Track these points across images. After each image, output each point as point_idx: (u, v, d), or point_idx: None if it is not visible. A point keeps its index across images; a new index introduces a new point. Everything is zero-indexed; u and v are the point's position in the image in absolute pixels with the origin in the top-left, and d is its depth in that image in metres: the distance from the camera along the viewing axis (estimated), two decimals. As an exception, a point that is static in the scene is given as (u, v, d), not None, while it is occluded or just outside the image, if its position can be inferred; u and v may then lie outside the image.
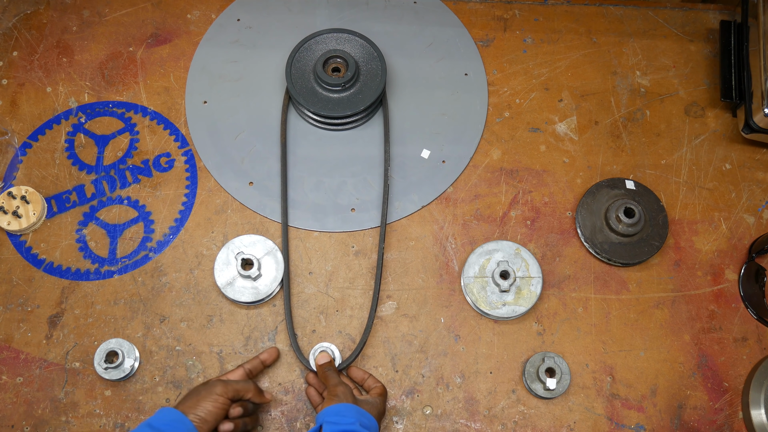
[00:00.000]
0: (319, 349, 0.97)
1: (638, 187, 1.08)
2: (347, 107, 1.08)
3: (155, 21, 1.18)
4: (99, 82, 1.14)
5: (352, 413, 0.86)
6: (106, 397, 0.96)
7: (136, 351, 0.97)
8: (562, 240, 1.06)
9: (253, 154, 1.10)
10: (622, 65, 1.18)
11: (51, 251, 1.03)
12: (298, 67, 1.10)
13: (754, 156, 1.12)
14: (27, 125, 1.11)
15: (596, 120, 1.14)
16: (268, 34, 1.19)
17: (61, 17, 1.18)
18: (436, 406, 0.97)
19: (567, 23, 1.21)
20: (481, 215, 1.07)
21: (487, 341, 1.00)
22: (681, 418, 0.97)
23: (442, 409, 0.97)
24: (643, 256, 1.04)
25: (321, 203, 1.07)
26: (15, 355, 0.98)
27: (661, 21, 1.22)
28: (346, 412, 0.87)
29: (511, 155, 1.11)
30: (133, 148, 1.10)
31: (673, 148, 1.12)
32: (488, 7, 1.22)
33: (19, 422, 0.94)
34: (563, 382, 0.96)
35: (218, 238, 1.04)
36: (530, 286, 1.01)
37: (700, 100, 1.16)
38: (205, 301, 1.01)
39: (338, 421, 0.85)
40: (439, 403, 0.97)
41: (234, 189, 1.08)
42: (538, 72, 1.17)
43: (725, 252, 1.06)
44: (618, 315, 1.02)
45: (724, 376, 1.00)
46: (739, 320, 1.02)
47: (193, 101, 1.13)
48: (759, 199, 1.09)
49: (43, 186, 1.07)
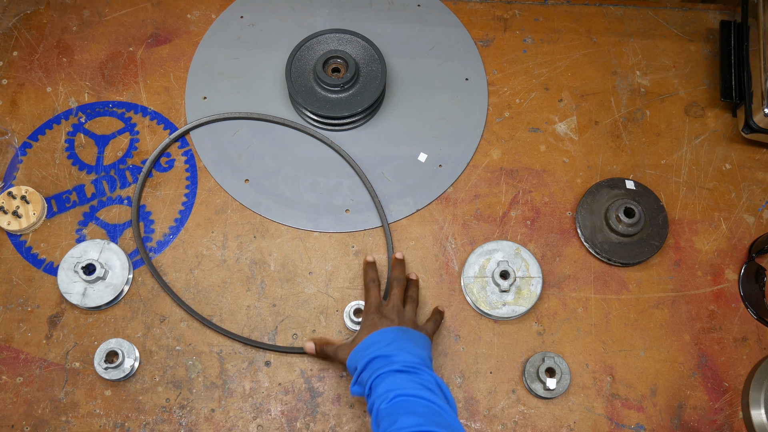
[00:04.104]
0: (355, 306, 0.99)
1: (638, 187, 1.08)
2: (345, 108, 1.08)
3: (155, 21, 1.18)
4: (99, 82, 1.14)
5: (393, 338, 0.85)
6: (106, 397, 0.96)
7: (136, 351, 0.97)
8: (562, 240, 1.06)
9: (250, 151, 1.10)
10: (622, 65, 1.18)
11: (51, 251, 1.03)
12: (299, 66, 1.10)
13: (754, 156, 1.12)
14: (27, 125, 1.11)
15: (596, 120, 1.14)
16: (271, 32, 1.19)
17: (61, 17, 1.18)
18: (436, 406, 0.97)
19: (567, 23, 1.21)
20: (481, 215, 1.07)
21: (487, 341, 1.00)
22: (681, 418, 0.97)
23: (442, 409, 0.97)
24: (643, 256, 1.04)
25: (315, 203, 1.07)
26: (15, 355, 0.98)
27: (661, 21, 1.22)
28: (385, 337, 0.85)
29: (511, 155, 1.11)
30: (133, 148, 1.10)
31: (673, 148, 1.12)
32: (488, 7, 1.22)
33: (19, 422, 0.94)
34: (563, 382, 0.96)
35: (218, 238, 1.05)
36: (530, 286, 1.01)
37: (700, 100, 1.16)
38: (205, 301, 1.01)
39: (386, 355, 0.83)
40: (439, 403, 0.97)
41: (230, 186, 1.08)
42: (538, 72, 1.17)
43: (725, 252, 1.06)
44: (618, 315, 1.02)
45: (724, 376, 1.00)
46: (739, 320, 1.02)
47: (193, 97, 1.13)
48: (759, 199, 1.09)
49: (43, 186, 1.07)
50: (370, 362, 0.85)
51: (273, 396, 0.97)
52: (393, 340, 0.86)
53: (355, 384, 0.87)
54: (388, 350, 0.84)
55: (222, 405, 0.96)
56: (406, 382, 0.80)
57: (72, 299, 0.98)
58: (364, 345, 0.87)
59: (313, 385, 0.98)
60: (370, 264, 1.00)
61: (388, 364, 0.83)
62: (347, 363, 0.89)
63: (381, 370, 0.82)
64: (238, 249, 1.04)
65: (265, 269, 1.03)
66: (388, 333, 0.88)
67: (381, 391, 0.80)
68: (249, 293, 1.02)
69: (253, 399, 0.97)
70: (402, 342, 0.86)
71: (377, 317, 0.92)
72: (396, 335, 0.87)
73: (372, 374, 0.83)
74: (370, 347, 0.86)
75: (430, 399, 0.78)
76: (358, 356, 0.87)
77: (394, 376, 0.81)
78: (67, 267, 1.00)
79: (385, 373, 0.82)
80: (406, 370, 0.82)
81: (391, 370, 0.82)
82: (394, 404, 0.77)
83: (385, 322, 0.91)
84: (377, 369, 0.83)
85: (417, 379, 0.81)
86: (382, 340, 0.86)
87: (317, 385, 0.98)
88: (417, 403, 0.77)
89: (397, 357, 0.83)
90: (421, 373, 0.82)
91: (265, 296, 1.02)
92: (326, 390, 0.97)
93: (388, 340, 0.86)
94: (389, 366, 0.82)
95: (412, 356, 0.84)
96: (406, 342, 0.86)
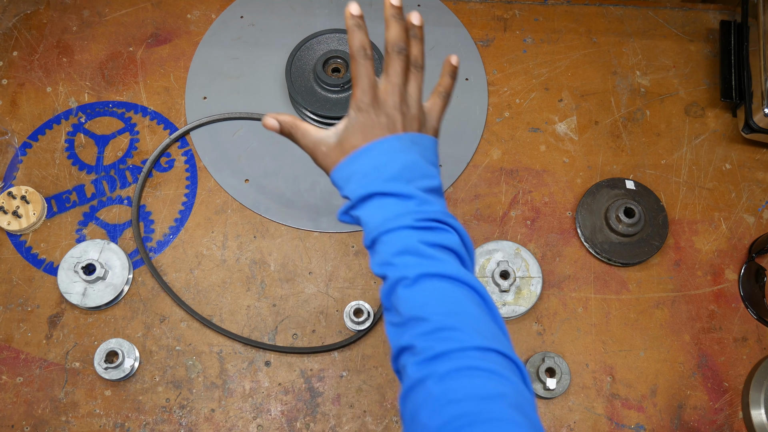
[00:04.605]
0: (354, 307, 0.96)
1: (638, 187, 1.08)
2: (345, 108, 1.08)
3: (155, 21, 1.18)
4: (99, 82, 1.14)
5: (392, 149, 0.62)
6: (106, 397, 0.96)
7: (136, 351, 0.97)
8: (562, 240, 1.06)
9: (249, 151, 1.10)
10: (622, 65, 1.18)
11: (51, 251, 1.03)
12: (299, 66, 1.10)
13: (754, 156, 1.12)
14: (27, 125, 1.11)
15: (596, 120, 1.14)
16: (271, 32, 1.19)
17: (61, 17, 1.18)
18: (436, 406, 0.97)
19: (567, 23, 1.21)
20: (481, 215, 1.07)
21: (487, 341, 1.00)
22: (681, 418, 0.97)
23: (442, 409, 0.97)
24: (643, 256, 1.04)
25: (315, 203, 1.07)
26: (15, 355, 0.98)
27: (661, 21, 1.22)
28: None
29: (511, 155, 1.11)
30: (133, 148, 1.10)
31: (673, 148, 1.12)
32: (488, 7, 1.22)
33: (19, 422, 0.94)
34: (563, 382, 0.96)
35: (218, 238, 1.05)
36: (530, 286, 1.01)
37: (700, 100, 1.16)
38: (205, 301, 1.01)
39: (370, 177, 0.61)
40: (439, 403, 0.97)
41: (230, 186, 1.08)
42: (538, 72, 1.17)
43: (725, 252, 1.06)
44: (618, 315, 1.02)
45: (724, 376, 1.00)
46: (739, 320, 1.02)
47: (193, 97, 1.13)
48: (759, 199, 1.09)
49: (43, 186, 1.07)
50: (370, 198, 0.64)
51: (273, 396, 0.97)
52: (400, 163, 0.64)
53: (345, 214, 0.67)
54: (397, 185, 0.63)
55: (222, 405, 0.96)
56: (428, 249, 0.61)
57: (72, 299, 0.98)
58: (360, 163, 0.65)
59: (313, 385, 0.98)
60: (357, 20, 0.69)
61: (399, 214, 0.62)
62: (332, 175, 0.68)
63: (391, 224, 0.62)
64: (238, 249, 1.04)
65: (265, 269, 1.03)
66: (393, 150, 0.65)
67: (396, 260, 0.61)
68: (249, 293, 1.02)
69: (253, 399, 0.97)
70: (412, 165, 0.65)
71: (374, 113, 0.67)
72: (404, 152, 0.65)
73: (378, 225, 0.63)
74: (368, 170, 0.65)
75: (462, 278, 0.60)
76: (351, 175, 0.66)
77: (409, 237, 0.61)
78: (67, 267, 1.00)
79: (396, 229, 0.62)
80: (424, 226, 0.62)
81: (405, 227, 0.62)
82: (420, 291, 0.60)
83: (385, 122, 0.67)
84: (385, 219, 0.63)
85: (440, 239, 0.62)
86: (384, 162, 0.64)
87: (317, 385, 0.98)
88: (448, 290, 0.60)
89: (410, 200, 0.63)
90: (443, 229, 0.63)
91: (265, 296, 1.02)
92: (326, 390, 0.97)
93: (393, 161, 0.64)
94: (401, 219, 0.62)
95: (427, 194, 0.64)
96: (416, 163, 0.65)
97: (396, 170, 0.64)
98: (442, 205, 0.66)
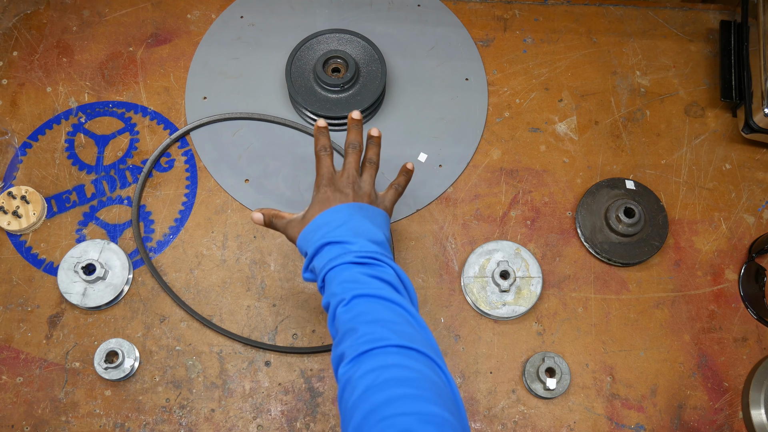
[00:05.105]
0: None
1: (638, 187, 1.08)
2: (345, 108, 1.08)
3: (155, 21, 1.18)
4: (99, 82, 1.14)
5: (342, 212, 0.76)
6: (106, 397, 0.96)
7: (136, 351, 0.97)
8: (562, 240, 1.06)
9: (249, 151, 1.10)
10: (622, 65, 1.18)
11: (51, 251, 1.03)
12: (299, 66, 1.10)
13: (754, 156, 1.12)
14: (27, 125, 1.11)
15: (596, 120, 1.14)
16: (270, 32, 1.19)
17: (61, 17, 1.18)
18: (436, 406, 0.97)
19: (567, 23, 1.21)
20: (481, 215, 1.07)
21: (487, 341, 1.00)
22: (681, 418, 0.97)
23: (442, 409, 0.97)
24: (643, 256, 1.04)
25: None
26: (15, 355, 0.98)
27: (661, 21, 1.22)
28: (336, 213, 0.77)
29: (511, 155, 1.11)
30: (133, 148, 1.10)
31: (673, 148, 1.12)
32: (488, 7, 1.22)
33: (19, 422, 0.94)
34: (563, 382, 0.96)
35: (218, 238, 1.05)
36: (530, 286, 1.01)
37: (700, 100, 1.16)
38: (205, 301, 1.01)
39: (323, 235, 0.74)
40: (439, 403, 0.97)
41: (230, 186, 1.08)
42: (538, 72, 1.17)
43: (725, 252, 1.06)
44: (618, 315, 1.02)
45: (724, 376, 1.00)
46: (739, 320, 1.02)
47: (193, 97, 1.13)
48: (759, 199, 1.09)
49: (43, 186, 1.07)
50: (322, 248, 0.76)
51: (273, 396, 0.97)
52: (346, 220, 0.77)
53: (306, 270, 0.79)
54: (342, 234, 0.75)
55: (222, 405, 0.96)
56: (364, 277, 0.71)
57: (72, 299, 0.98)
58: (315, 225, 0.78)
59: (313, 385, 0.98)
60: (322, 130, 0.87)
61: (342, 254, 0.74)
62: (297, 243, 0.81)
63: (335, 262, 0.74)
64: (238, 249, 1.04)
65: (265, 269, 1.03)
66: (341, 211, 0.78)
67: (336, 288, 0.72)
68: (249, 293, 1.02)
69: (253, 399, 0.97)
70: (357, 222, 0.77)
71: (330, 190, 0.82)
72: (350, 213, 0.78)
73: (325, 264, 0.75)
74: (321, 228, 0.77)
75: (392, 299, 0.70)
76: (308, 237, 0.78)
77: (349, 270, 0.72)
78: (67, 267, 1.00)
79: (339, 265, 0.73)
80: (362, 261, 0.73)
81: (346, 263, 0.73)
82: (353, 308, 0.70)
83: (338, 196, 0.81)
84: (331, 259, 0.74)
85: (375, 272, 0.72)
86: (333, 220, 0.77)
87: (317, 385, 0.98)
88: (378, 305, 0.69)
89: (352, 244, 0.75)
90: (379, 265, 0.74)
91: (265, 296, 1.02)
92: (326, 390, 0.97)
93: (340, 220, 0.77)
94: (344, 257, 0.73)
95: (368, 242, 0.75)
96: (361, 222, 0.77)
97: (343, 225, 0.77)
98: (386, 251, 0.77)
